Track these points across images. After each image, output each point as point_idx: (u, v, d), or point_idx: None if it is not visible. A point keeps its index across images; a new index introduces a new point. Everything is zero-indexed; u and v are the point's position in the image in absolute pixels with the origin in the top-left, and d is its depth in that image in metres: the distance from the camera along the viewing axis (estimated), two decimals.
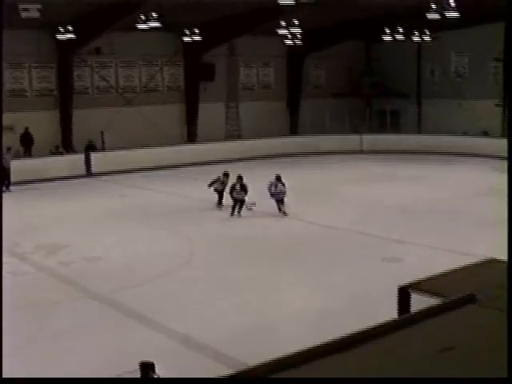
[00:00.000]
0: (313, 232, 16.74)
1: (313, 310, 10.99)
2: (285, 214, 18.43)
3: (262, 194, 21.23)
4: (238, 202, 18.45)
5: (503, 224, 4.92)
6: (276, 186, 18.51)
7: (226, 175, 19.59)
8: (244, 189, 18.47)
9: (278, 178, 18.66)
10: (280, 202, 18.55)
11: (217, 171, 27.03)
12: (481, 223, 16.64)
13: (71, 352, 9.49)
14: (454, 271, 7.09)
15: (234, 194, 18.49)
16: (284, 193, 18.54)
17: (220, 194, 19.58)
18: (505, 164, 4.94)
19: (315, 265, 13.71)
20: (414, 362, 4.71)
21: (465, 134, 30.01)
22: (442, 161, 28.03)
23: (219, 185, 19.57)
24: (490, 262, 7.32)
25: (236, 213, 18.43)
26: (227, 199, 18.98)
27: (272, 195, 18.57)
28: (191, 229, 16.94)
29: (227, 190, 19.10)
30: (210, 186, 19.61)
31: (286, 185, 18.62)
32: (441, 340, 5.05)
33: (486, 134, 29.93)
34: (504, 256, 5.02)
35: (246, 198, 18.51)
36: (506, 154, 4.91)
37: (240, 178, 18.69)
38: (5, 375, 5.99)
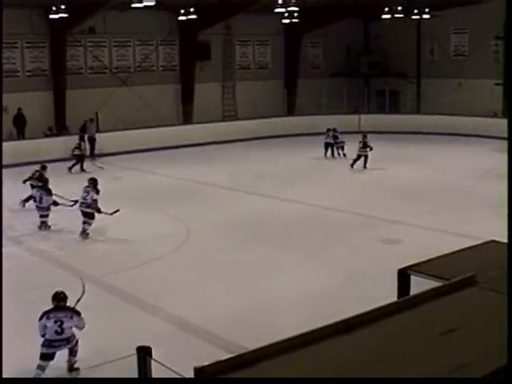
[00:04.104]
0: (310, 213, 16.50)
1: (311, 293, 10.80)
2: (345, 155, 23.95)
3: (258, 176, 21.07)
4: (362, 157, 21.98)
5: (504, 205, 4.68)
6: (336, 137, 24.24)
7: (365, 136, 22.97)
8: (365, 146, 22.08)
9: (335, 130, 24.47)
10: (341, 148, 24.24)
11: (213, 152, 26.94)
12: (481, 204, 16.43)
13: None
14: (455, 253, 6.93)
15: (359, 150, 22.18)
16: (343, 142, 24.27)
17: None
18: (506, 144, 4.72)
19: (313, 247, 13.54)
20: (414, 344, 4.63)
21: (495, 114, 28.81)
22: (441, 141, 27.80)
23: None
24: (491, 244, 7.14)
25: (354, 165, 22.06)
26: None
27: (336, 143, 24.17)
28: (187, 211, 16.70)
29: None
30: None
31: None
32: (442, 322, 4.96)
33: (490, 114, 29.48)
34: (505, 238, 4.82)
35: (369, 154, 22.00)
36: (507, 135, 4.68)
37: (364, 135, 22.65)
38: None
